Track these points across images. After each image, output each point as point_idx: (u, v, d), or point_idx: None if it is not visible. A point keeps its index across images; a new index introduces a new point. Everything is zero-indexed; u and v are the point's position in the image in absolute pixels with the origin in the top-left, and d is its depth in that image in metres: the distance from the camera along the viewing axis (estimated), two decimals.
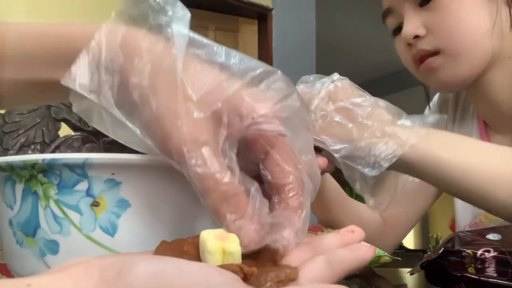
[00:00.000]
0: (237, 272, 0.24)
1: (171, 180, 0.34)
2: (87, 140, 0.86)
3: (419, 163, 0.50)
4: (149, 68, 0.31)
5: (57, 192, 0.34)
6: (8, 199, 0.35)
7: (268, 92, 0.33)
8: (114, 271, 0.22)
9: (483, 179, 0.51)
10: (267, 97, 0.32)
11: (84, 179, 0.33)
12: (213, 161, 0.30)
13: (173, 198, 0.35)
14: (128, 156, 0.33)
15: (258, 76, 0.33)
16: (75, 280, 0.22)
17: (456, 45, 0.68)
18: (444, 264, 0.46)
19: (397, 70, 5.19)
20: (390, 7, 0.74)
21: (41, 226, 0.34)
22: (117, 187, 0.33)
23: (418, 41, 0.70)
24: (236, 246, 0.28)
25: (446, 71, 0.70)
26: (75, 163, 0.33)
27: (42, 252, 0.34)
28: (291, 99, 0.33)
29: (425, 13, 0.70)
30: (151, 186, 0.34)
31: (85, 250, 0.33)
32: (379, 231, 0.81)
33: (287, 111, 0.32)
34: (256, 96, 0.32)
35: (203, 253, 0.28)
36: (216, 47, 0.33)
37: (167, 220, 0.35)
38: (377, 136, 0.49)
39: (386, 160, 0.49)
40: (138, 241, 0.34)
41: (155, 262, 0.23)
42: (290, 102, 0.33)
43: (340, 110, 0.51)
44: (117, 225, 0.34)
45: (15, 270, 0.37)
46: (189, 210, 0.36)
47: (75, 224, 0.33)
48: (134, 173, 0.34)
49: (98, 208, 0.33)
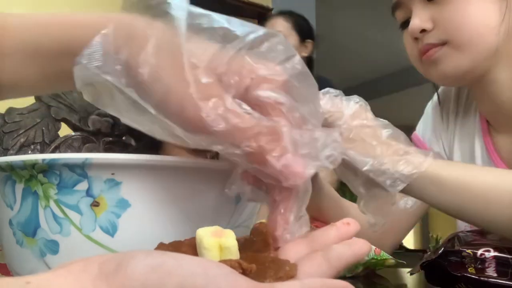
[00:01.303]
0: (236, 267, 0.24)
1: (171, 180, 0.34)
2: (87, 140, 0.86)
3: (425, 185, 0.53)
4: (155, 46, 0.31)
5: (57, 192, 0.34)
6: (8, 199, 0.35)
7: (269, 53, 0.33)
8: (113, 265, 0.22)
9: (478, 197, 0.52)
10: (268, 58, 0.32)
11: (84, 179, 0.33)
12: (233, 110, 0.30)
13: (173, 198, 0.35)
14: (128, 156, 0.33)
15: (259, 38, 0.33)
16: (75, 275, 0.22)
17: (462, 38, 0.69)
18: (444, 264, 0.46)
19: (397, 70, 5.19)
20: (400, 1, 0.75)
21: (41, 226, 0.34)
22: (117, 187, 0.33)
23: (425, 35, 0.71)
24: (233, 240, 0.28)
25: (448, 63, 0.70)
26: (75, 163, 0.33)
27: (42, 252, 0.34)
28: (292, 62, 0.33)
29: (433, 8, 0.70)
30: (151, 186, 0.34)
31: (85, 250, 0.33)
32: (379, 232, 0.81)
33: (287, 73, 0.32)
34: (255, 57, 0.32)
35: (200, 250, 0.28)
36: (216, 15, 0.33)
37: (167, 220, 0.35)
38: (400, 154, 0.52)
39: (407, 177, 0.52)
40: (138, 241, 0.34)
41: (155, 255, 0.23)
42: (291, 65, 0.33)
43: (364, 127, 0.54)
44: (117, 225, 0.34)
45: (15, 270, 0.37)
46: (189, 210, 0.36)
47: (75, 224, 0.33)
48: (134, 173, 0.34)
49: (98, 208, 0.33)
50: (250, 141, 0.30)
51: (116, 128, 1.00)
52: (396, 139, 0.54)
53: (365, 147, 0.52)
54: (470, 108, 0.85)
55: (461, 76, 0.71)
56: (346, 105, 0.55)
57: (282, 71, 0.32)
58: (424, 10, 0.71)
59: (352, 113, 0.54)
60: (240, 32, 0.33)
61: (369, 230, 0.56)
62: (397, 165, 0.52)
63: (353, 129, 0.53)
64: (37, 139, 0.84)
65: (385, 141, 0.53)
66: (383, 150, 0.52)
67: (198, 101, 0.30)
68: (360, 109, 0.55)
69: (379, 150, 0.52)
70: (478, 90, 0.76)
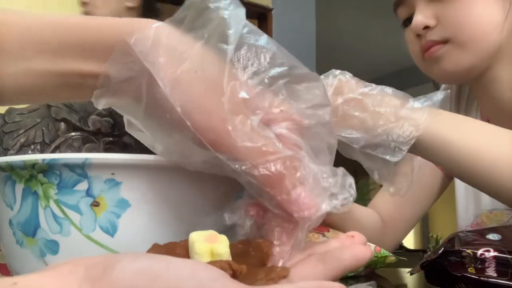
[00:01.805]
0: (225, 268, 0.24)
1: (171, 180, 0.34)
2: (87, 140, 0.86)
3: (428, 144, 0.51)
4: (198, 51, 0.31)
5: (57, 192, 0.34)
6: (8, 199, 0.35)
7: (305, 94, 0.33)
8: (100, 268, 0.22)
9: (489, 162, 0.51)
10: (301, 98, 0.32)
11: (84, 179, 0.33)
12: (258, 131, 0.30)
13: (173, 198, 0.35)
14: (128, 156, 0.33)
15: (301, 75, 0.33)
16: (62, 277, 0.22)
17: (464, 35, 0.69)
18: (444, 264, 0.46)
19: (398, 70, 5.19)
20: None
21: (41, 226, 0.34)
22: (117, 187, 0.33)
23: (427, 32, 0.71)
24: (225, 247, 0.27)
25: (450, 60, 0.70)
26: (75, 163, 0.33)
27: (42, 252, 0.34)
28: (323, 110, 0.33)
29: (436, 5, 0.70)
30: (151, 186, 0.34)
31: (85, 250, 0.33)
32: (379, 232, 0.81)
33: (314, 119, 0.32)
34: (291, 91, 0.32)
35: (192, 255, 0.27)
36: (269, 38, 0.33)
37: (167, 220, 0.35)
38: (392, 121, 0.50)
39: (405, 143, 0.49)
40: (138, 241, 0.34)
41: (142, 258, 0.23)
42: (321, 113, 0.32)
43: (349, 102, 0.51)
44: (117, 225, 0.34)
45: (15, 270, 0.37)
46: (189, 210, 0.36)
47: (75, 224, 0.33)
48: (134, 173, 0.34)
49: (98, 208, 0.33)
50: (270, 164, 0.30)
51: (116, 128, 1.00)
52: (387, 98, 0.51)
53: (356, 123, 0.50)
54: (471, 108, 0.85)
55: (462, 74, 0.71)
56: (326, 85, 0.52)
57: (310, 115, 0.32)
58: (428, 7, 0.71)
59: (333, 92, 0.52)
60: (286, 62, 0.32)
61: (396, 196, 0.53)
62: (392, 133, 0.49)
63: (340, 108, 0.51)
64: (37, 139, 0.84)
65: (373, 111, 0.50)
66: (374, 120, 0.50)
67: (228, 112, 0.30)
68: (340, 83, 0.52)
69: (370, 122, 0.50)
70: (480, 89, 0.76)
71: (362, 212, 0.81)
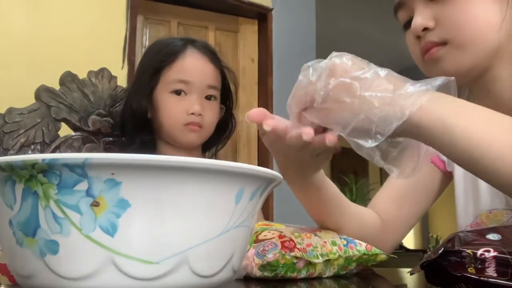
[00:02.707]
0: None
1: (171, 180, 0.34)
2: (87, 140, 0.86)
3: (426, 127, 0.50)
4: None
5: (57, 192, 0.34)
6: (8, 199, 0.35)
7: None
8: None
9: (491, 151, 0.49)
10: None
11: (84, 179, 0.33)
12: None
13: (173, 197, 0.35)
14: (128, 156, 0.33)
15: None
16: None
17: (463, 36, 0.69)
18: (444, 264, 0.46)
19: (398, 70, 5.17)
20: (402, 1, 0.75)
21: (41, 226, 0.34)
22: (117, 187, 0.33)
23: (427, 33, 0.71)
24: None
25: (450, 61, 0.71)
26: (75, 163, 0.33)
27: (42, 252, 0.34)
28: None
29: (435, 7, 0.71)
30: (151, 186, 0.34)
31: (85, 250, 0.33)
32: (378, 232, 0.81)
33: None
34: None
35: None
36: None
37: (167, 220, 0.35)
38: (376, 107, 0.49)
39: (385, 129, 0.49)
40: (138, 241, 0.34)
41: None
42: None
43: (339, 86, 0.51)
44: (117, 225, 0.34)
45: (15, 270, 0.37)
46: (189, 210, 0.36)
47: (75, 224, 0.33)
48: (134, 173, 0.34)
49: (98, 208, 0.33)
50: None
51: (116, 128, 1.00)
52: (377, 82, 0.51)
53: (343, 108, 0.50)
54: None
55: (462, 74, 0.72)
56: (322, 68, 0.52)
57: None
58: (427, 9, 0.71)
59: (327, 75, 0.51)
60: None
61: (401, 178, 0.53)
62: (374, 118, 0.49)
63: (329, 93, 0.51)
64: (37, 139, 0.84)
65: (359, 95, 0.50)
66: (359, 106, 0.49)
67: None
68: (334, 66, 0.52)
69: (356, 107, 0.50)
70: (480, 89, 0.76)
71: (362, 212, 0.81)
